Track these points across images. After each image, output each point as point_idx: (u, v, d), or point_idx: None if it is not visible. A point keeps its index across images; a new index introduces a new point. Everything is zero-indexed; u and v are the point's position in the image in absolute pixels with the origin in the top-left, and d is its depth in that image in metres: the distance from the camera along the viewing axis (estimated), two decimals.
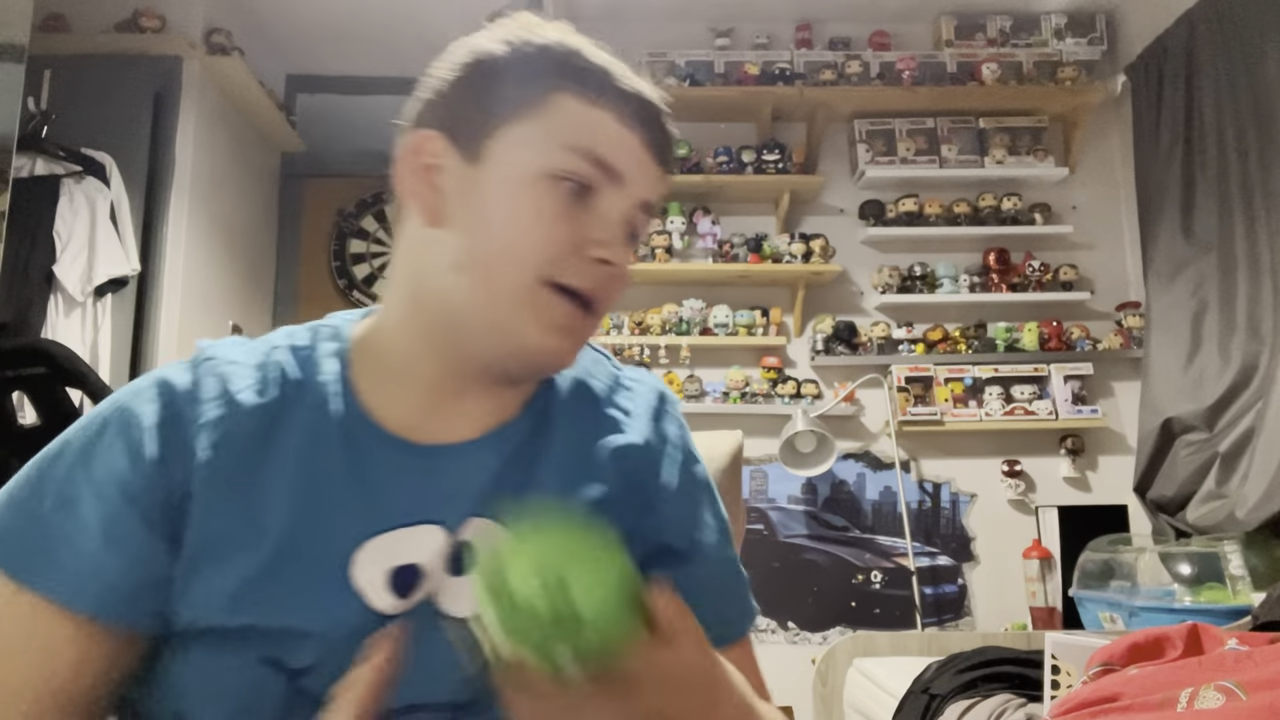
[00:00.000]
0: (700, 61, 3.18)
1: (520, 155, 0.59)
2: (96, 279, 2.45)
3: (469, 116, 0.61)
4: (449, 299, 0.60)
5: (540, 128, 0.60)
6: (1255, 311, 2.44)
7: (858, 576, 2.95)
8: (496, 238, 0.59)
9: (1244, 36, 2.49)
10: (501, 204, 0.59)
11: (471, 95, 0.62)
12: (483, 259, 0.59)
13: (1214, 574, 2.13)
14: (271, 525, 0.55)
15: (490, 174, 0.60)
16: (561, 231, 0.59)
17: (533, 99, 0.61)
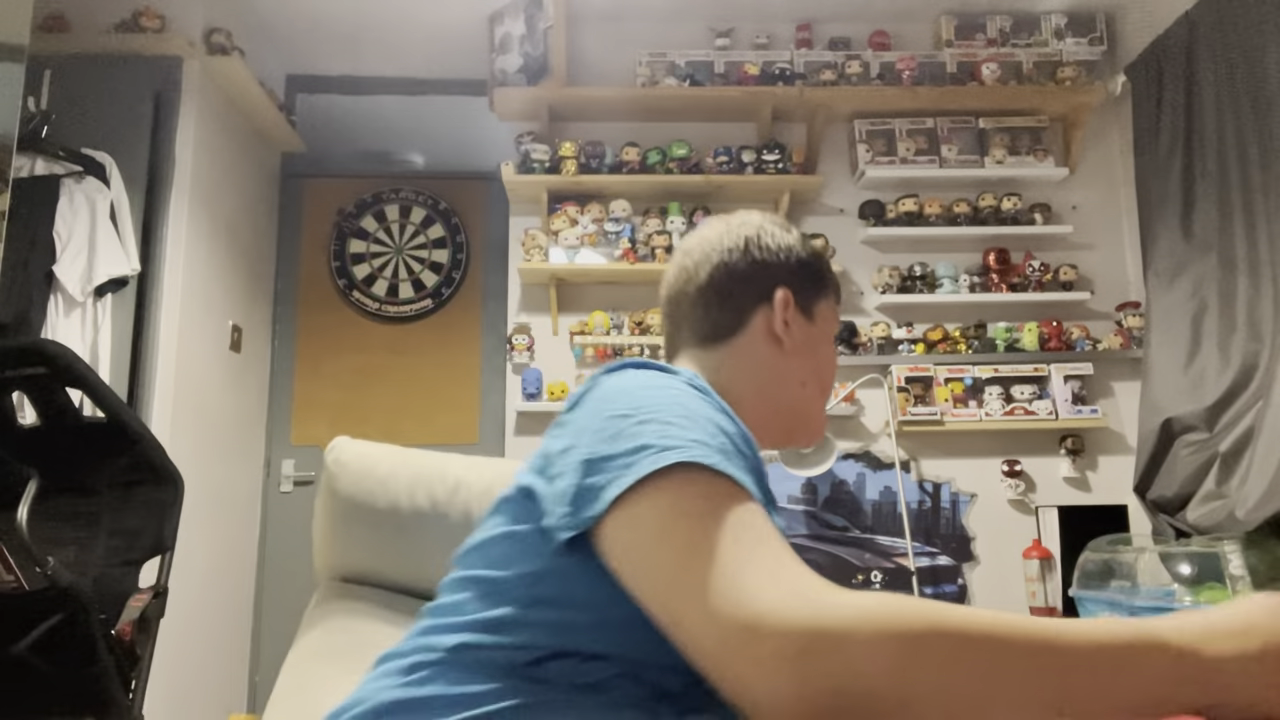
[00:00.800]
0: (700, 61, 3.18)
1: (829, 322, 0.97)
2: (96, 279, 2.45)
3: (805, 290, 0.95)
4: (794, 403, 0.94)
5: (831, 306, 0.98)
6: (1255, 311, 2.44)
7: (858, 576, 2.95)
8: (826, 372, 0.96)
9: (1244, 36, 2.49)
10: (825, 351, 0.96)
11: (804, 275, 0.96)
12: (819, 383, 0.96)
13: (1214, 574, 2.13)
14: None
15: (819, 331, 0.95)
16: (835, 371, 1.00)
17: (828, 287, 0.98)
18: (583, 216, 3.07)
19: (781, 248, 0.97)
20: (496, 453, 3.20)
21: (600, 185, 3.09)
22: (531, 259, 3.01)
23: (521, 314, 3.16)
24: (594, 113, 3.18)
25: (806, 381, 0.94)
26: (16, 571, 1.46)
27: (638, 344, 3.00)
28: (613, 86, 3.18)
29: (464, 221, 3.56)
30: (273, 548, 3.34)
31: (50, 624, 1.50)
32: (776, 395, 0.93)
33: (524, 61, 3.11)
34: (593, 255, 3.06)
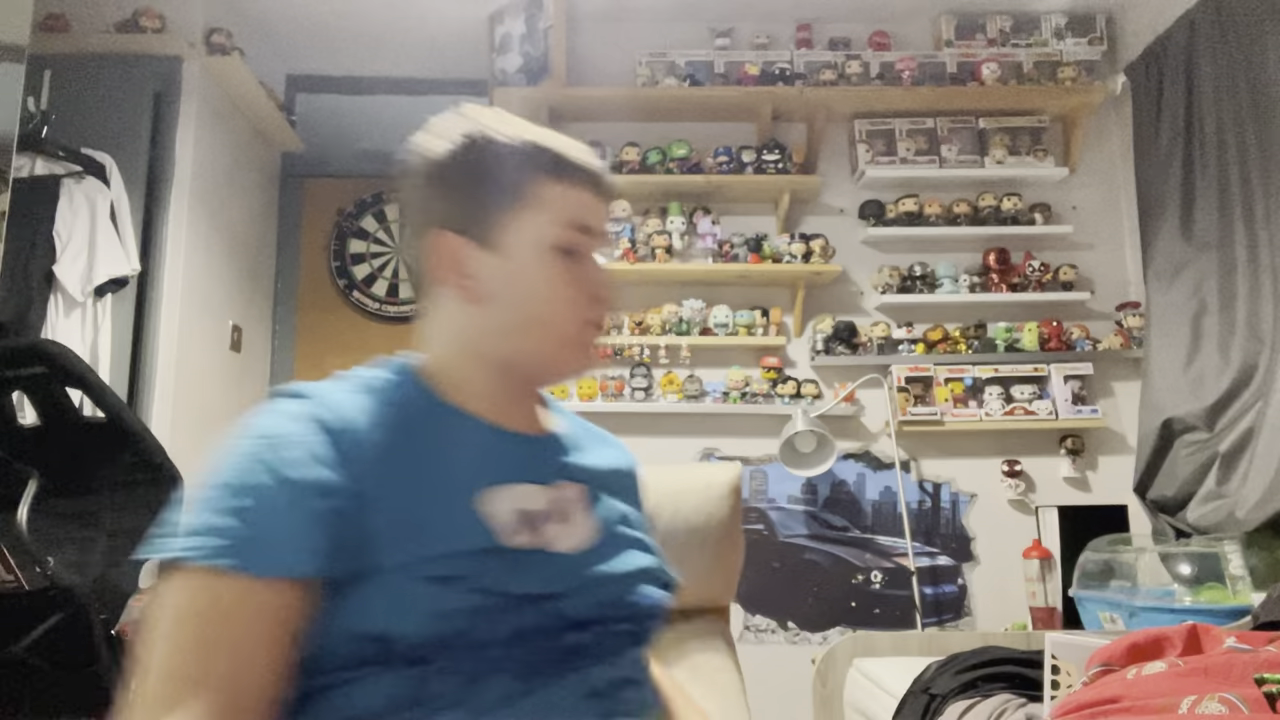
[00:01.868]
0: (700, 61, 3.18)
1: (531, 238, 0.78)
2: (96, 279, 2.45)
3: (476, 216, 0.79)
4: (507, 356, 0.80)
5: (539, 214, 0.78)
6: (1255, 311, 2.44)
7: (858, 576, 2.95)
8: (539, 304, 0.79)
9: (1244, 36, 2.49)
10: (531, 279, 0.78)
11: (472, 197, 0.79)
12: (536, 319, 0.79)
13: (1214, 574, 2.13)
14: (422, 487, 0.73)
15: (512, 258, 0.78)
16: (575, 286, 0.80)
17: (523, 193, 0.78)
18: None
19: (431, 165, 0.81)
20: None
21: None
22: None
23: None
24: (594, 113, 3.18)
25: (516, 328, 0.79)
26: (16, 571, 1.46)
27: (637, 344, 3.00)
28: (613, 86, 3.18)
29: None
30: None
31: (50, 624, 1.50)
32: (485, 354, 0.81)
33: (524, 61, 3.11)
34: None
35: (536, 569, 0.74)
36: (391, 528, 0.69)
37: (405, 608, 0.67)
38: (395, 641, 0.67)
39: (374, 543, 0.69)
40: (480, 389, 0.81)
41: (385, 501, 0.70)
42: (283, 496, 0.67)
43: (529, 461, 0.80)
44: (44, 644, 1.50)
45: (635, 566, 0.84)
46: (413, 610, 0.67)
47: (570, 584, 0.75)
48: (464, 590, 0.69)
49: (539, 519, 0.77)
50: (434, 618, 0.68)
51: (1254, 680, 0.91)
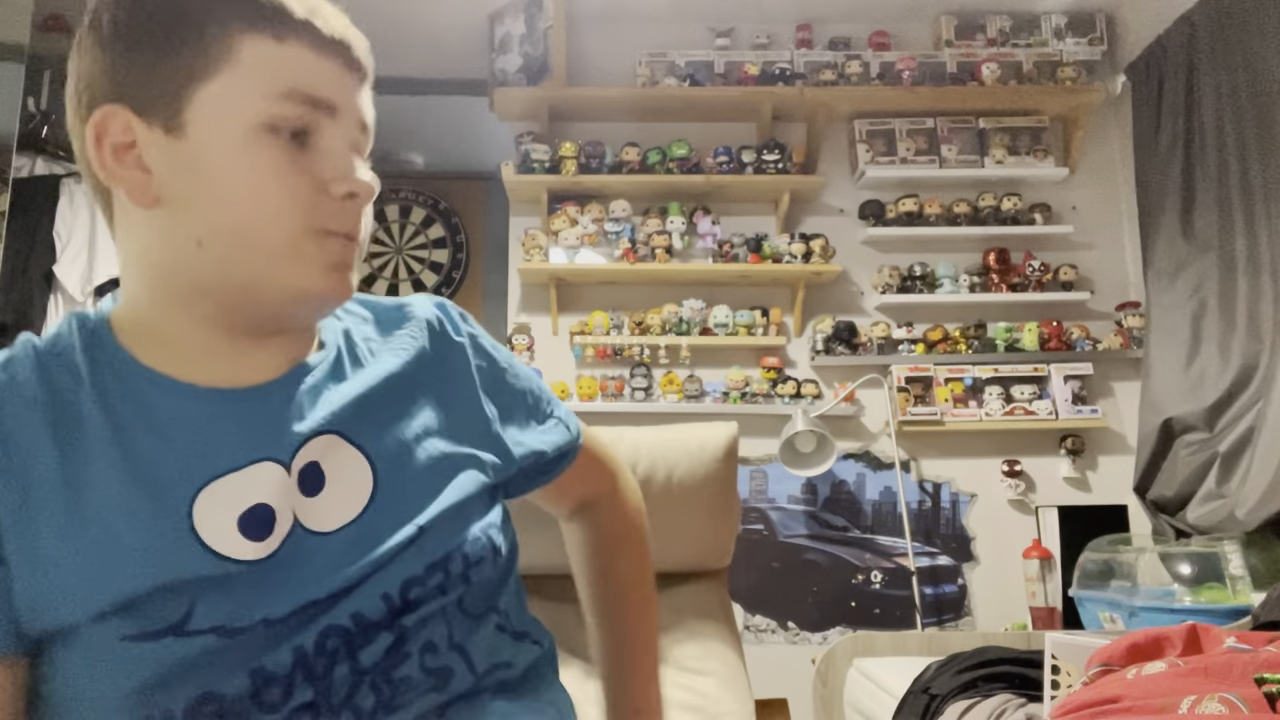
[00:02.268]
0: (700, 61, 3.18)
1: (226, 116, 0.57)
2: (96, 279, 2.45)
3: (150, 83, 0.57)
4: (201, 272, 0.59)
5: (237, 81, 0.57)
6: (1255, 311, 2.44)
7: (858, 576, 2.95)
8: (235, 205, 0.57)
9: (1244, 36, 2.49)
10: (227, 171, 0.57)
11: (144, 58, 0.57)
12: (229, 228, 0.58)
13: (1214, 574, 2.13)
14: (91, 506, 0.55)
15: (200, 143, 0.57)
16: (298, 180, 0.59)
17: (216, 50, 0.57)
18: (583, 216, 3.07)
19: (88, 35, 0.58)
20: None
21: (600, 185, 3.09)
22: (531, 259, 3.01)
23: (521, 314, 3.16)
24: (594, 113, 3.18)
25: (204, 236, 0.58)
26: None
27: (637, 344, 3.00)
28: (613, 86, 3.18)
29: (464, 221, 3.56)
30: None
31: None
32: (173, 281, 0.60)
33: (524, 61, 3.11)
34: (593, 255, 3.06)
35: (284, 578, 0.58)
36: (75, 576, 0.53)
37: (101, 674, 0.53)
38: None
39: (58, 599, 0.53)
40: (177, 333, 0.61)
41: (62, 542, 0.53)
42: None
43: (255, 429, 0.60)
44: None
45: (442, 507, 0.65)
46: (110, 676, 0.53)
47: (340, 581, 0.59)
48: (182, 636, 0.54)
49: (276, 512, 0.59)
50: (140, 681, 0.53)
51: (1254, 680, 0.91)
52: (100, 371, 0.60)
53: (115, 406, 0.58)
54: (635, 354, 3.01)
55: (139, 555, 0.54)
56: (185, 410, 0.59)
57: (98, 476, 0.56)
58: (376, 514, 0.62)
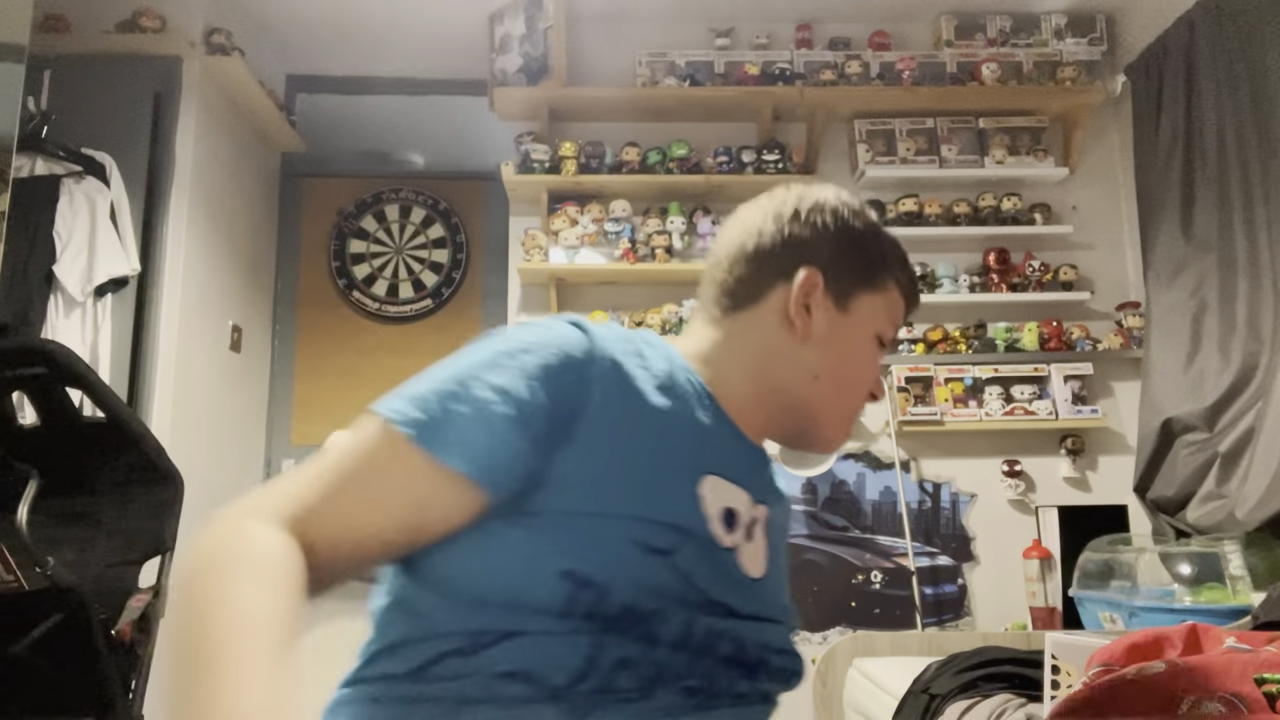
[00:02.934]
0: (700, 61, 3.18)
1: (870, 318, 0.86)
2: (96, 279, 2.45)
3: (848, 275, 0.85)
4: (800, 395, 0.84)
5: (882, 302, 0.87)
6: (1255, 311, 2.44)
7: (858, 576, 2.95)
8: (851, 372, 0.86)
9: (1244, 36, 2.49)
10: (856, 350, 0.86)
11: (856, 261, 0.86)
12: (837, 382, 0.85)
13: (1214, 574, 2.13)
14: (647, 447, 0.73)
15: (852, 325, 0.85)
16: (873, 375, 0.88)
17: (884, 279, 0.87)
18: (583, 216, 3.07)
19: (828, 223, 0.86)
20: None
21: (600, 185, 3.09)
22: (531, 259, 3.01)
23: (521, 314, 3.16)
24: (594, 113, 3.18)
25: (820, 376, 0.84)
26: (16, 571, 1.46)
27: None
28: (613, 86, 3.17)
29: (464, 221, 3.56)
30: None
31: (50, 624, 1.50)
32: (775, 381, 0.84)
33: (524, 61, 3.11)
34: (593, 255, 3.06)
35: (727, 574, 0.74)
36: (608, 481, 0.70)
37: (611, 560, 0.68)
38: (595, 587, 0.66)
39: (576, 483, 0.69)
40: (740, 401, 0.84)
41: (609, 450, 0.71)
42: (497, 405, 0.68)
43: (750, 470, 0.82)
44: (44, 644, 1.50)
45: (789, 616, 0.84)
46: (619, 566, 0.68)
47: (747, 607, 0.75)
48: (668, 567, 0.69)
49: (738, 525, 0.77)
50: (635, 582, 0.68)
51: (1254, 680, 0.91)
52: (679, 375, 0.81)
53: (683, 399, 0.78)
54: None
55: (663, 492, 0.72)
56: (719, 426, 0.81)
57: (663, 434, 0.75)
58: (765, 587, 0.80)
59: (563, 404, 0.70)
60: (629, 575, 0.68)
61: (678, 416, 0.76)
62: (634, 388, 0.74)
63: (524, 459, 0.68)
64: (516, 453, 0.68)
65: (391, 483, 0.67)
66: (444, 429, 0.67)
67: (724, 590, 0.73)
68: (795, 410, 0.85)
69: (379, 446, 0.68)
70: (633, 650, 0.67)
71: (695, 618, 0.70)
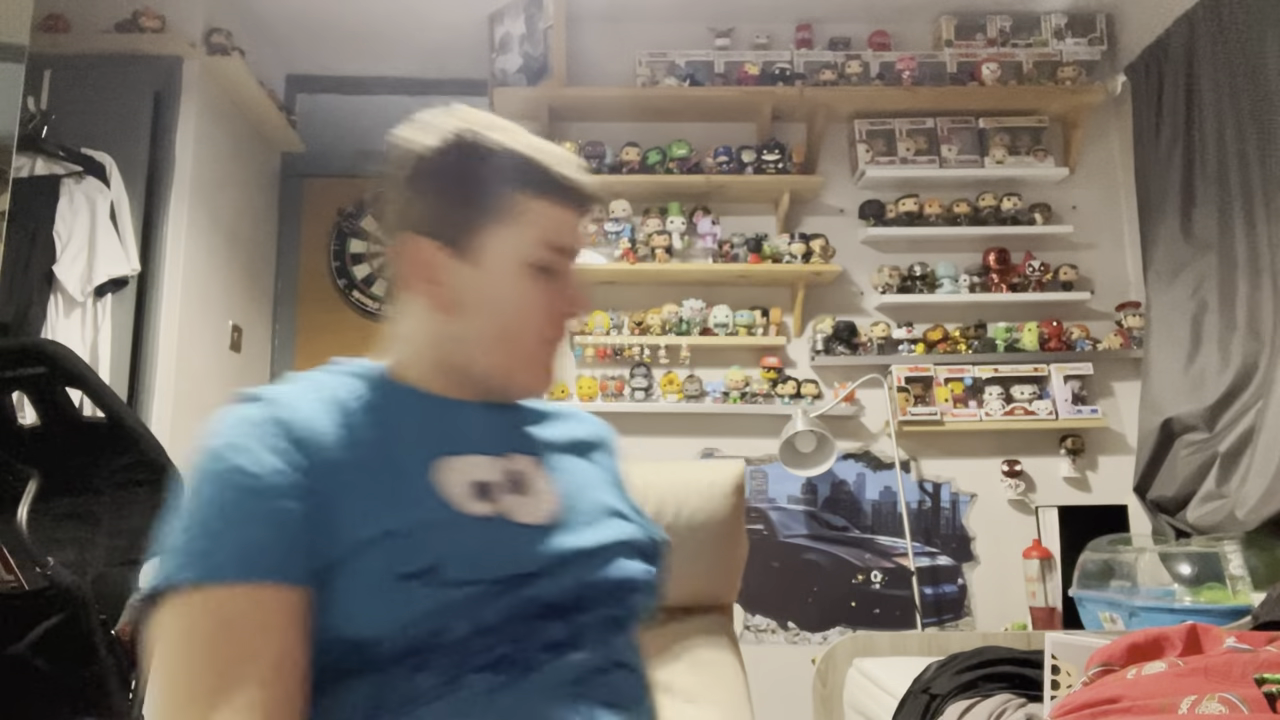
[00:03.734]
0: (700, 61, 3.18)
1: (506, 254, 0.78)
2: (96, 279, 2.45)
3: (455, 223, 0.77)
4: (474, 367, 0.80)
5: (517, 230, 0.78)
6: (1255, 311, 2.44)
7: (858, 576, 2.95)
8: (506, 322, 0.79)
9: (1244, 36, 2.49)
10: (503, 295, 0.78)
11: (453, 203, 0.77)
12: (498, 335, 0.79)
13: (1214, 574, 2.14)
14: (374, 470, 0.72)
15: (488, 272, 0.78)
16: (545, 305, 0.80)
17: (504, 205, 0.77)
18: None
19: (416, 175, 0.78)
20: None
21: (600, 185, 3.09)
22: None
23: None
24: (594, 113, 3.18)
25: (481, 339, 0.79)
26: (16, 571, 1.46)
27: (638, 344, 3.00)
28: (613, 86, 3.18)
29: None
30: None
31: (50, 624, 1.50)
32: (449, 362, 0.81)
33: (524, 61, 3.11)
34: (593, 255, 3.06)
35: (502, 543, 0.73)
36: (352, 515, 0.69)
37: (378, 610, 0.67)
38: (371, 646, 0.67)
39: (340, 535, 0.68)
40: (439, 383, 0.82)
41: (345, 491, 0.70)
42: (255, 505, 0.67)
43: (480, 433, 0.79)
44: (44, 644, 1.50)
45: (611, 539, 0.80)
46: (386, 612, 0.67)
47: (540, 562, 0.73)
48: (435, 585, 0.67)
49: (494, 490, 0.75)
50: (407, 618, 0.67)
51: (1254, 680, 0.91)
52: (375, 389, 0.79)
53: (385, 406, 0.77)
54: (635, 354, 3.01)
55: (401, 498, 0.71)
56: (427, 406, 0.79)
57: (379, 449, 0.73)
58: (561, 525, 0.77)
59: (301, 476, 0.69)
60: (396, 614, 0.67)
61: (382, 430, 0.74)
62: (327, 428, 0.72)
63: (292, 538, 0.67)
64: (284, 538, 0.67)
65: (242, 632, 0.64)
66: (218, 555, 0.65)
67: (502, 560, 0.71)
68: (483, 378, 0.81)
69: (200, 615, 0.64)
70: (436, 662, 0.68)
71: (491, 605, 0.69)
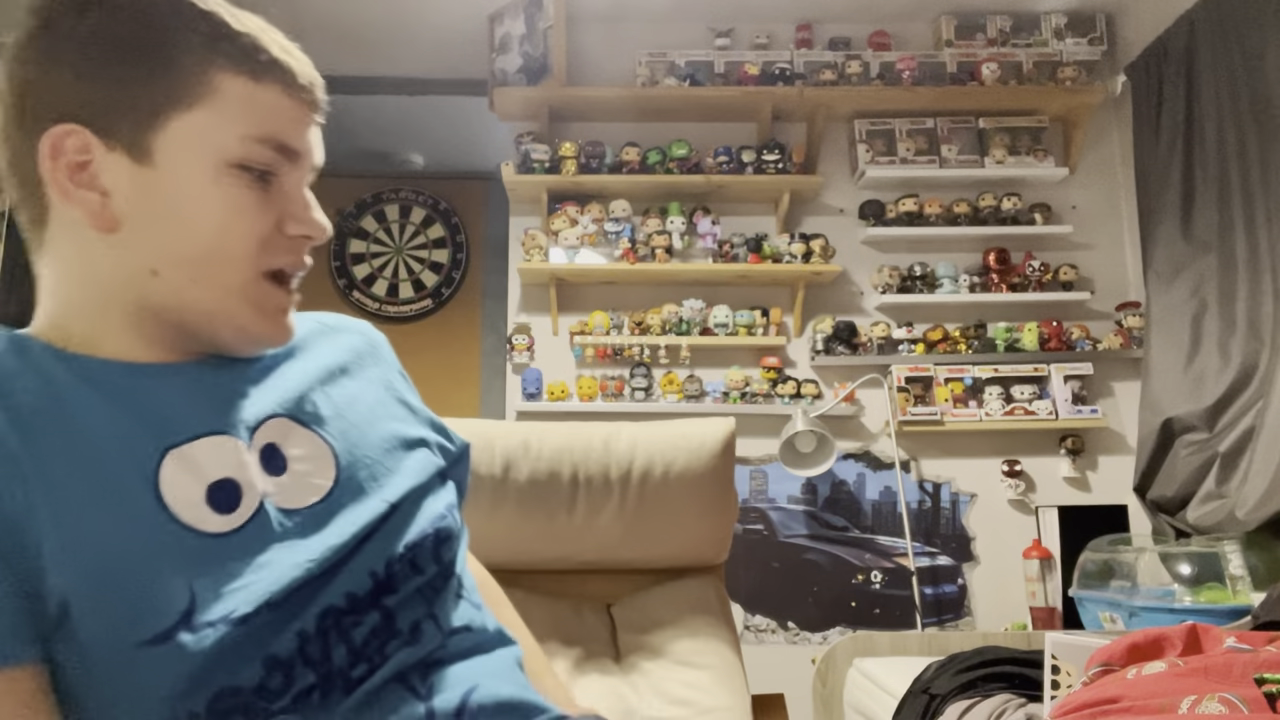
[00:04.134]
0: (700, 61, 3.18)
1: (198, 150, 0.58)
2: None
3: (120, 106, 0.56)
4: (154, 300, 0.59)
5: (214, 117, 0.58)
6: (1255, 311, 2.44)
7: (858, 576, 2.95)
8: (199, 240, 0.58)
9: (1244, 36, 2.49)
10: (193, 205, 0.58)
11: (116, 77, 0.56)
12: (189, 261, 0.59)
13: (1214, 574, 2.14)
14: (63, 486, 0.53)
15: (169, 174, 0.57)
16: (262, 221, 0.60)
17: (193, 82, 0.57)
18: (583, 216, 3.07)
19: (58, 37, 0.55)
20: None
21: (600, 185, 3.09)
22: (531, 259, 3.01)
23: (521, 314, 3.16)
24: (594, 113, 3.18)
25: (160, 266, 0.58)
26: None
27: (637, 344, 3.00)
28: (613, 86, 3.18)
29: (464, 221, 3.56)
30: None
31: None
32: (122, 301, 0.59)
33: (524, 61, 3.11)
34: (593, 255, 3.06)
35: (270, 555, 0.56)
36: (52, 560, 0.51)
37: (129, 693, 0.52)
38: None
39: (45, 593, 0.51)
40: (116, 345, 0.60)
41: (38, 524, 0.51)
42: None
43: (204, 405, 0.60)
44: None
45: (408, 486, 0.66)
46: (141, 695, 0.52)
47: (325, 558, 0.58)
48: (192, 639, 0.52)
49: (242, 487, 0.58)
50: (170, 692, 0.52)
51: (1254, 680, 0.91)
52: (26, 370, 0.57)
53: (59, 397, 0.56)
54: (635, 354, 3.01)
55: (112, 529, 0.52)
56: (125, 385, 0.58)
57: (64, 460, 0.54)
58: (344, 492, 0.63)
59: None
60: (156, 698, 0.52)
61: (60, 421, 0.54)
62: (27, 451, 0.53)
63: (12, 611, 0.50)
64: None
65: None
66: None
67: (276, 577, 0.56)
68: (176, 324, 0.60)
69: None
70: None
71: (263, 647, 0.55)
